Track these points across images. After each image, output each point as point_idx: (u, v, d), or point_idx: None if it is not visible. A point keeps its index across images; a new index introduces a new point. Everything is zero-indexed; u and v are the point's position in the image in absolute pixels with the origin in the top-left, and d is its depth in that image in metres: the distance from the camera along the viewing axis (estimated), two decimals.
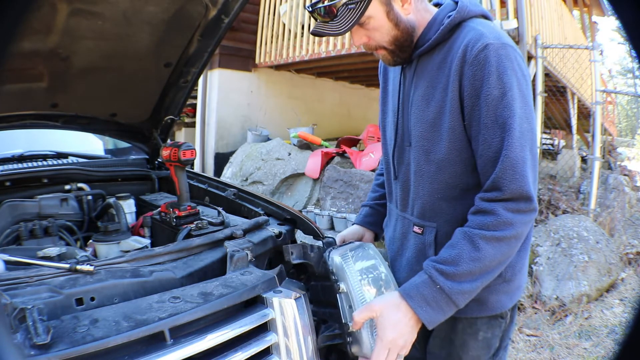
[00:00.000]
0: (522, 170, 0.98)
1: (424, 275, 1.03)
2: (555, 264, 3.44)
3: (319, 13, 1.07)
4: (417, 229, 1.19)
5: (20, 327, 0.79)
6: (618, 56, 27.91)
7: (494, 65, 0.98)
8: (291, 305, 1.07)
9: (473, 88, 1.01)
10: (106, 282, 1.00)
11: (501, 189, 0.99)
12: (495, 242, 0.99)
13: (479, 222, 1.02)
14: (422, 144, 1.13)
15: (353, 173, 4.48)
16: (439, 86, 1.09)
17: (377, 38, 1.11)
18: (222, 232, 1.31)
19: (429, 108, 1.11)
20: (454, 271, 1.00)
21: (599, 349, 2.82)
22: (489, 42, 0.99)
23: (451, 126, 1.06)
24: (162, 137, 2.04)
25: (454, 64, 1.03)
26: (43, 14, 1.35)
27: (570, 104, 5.92)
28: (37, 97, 1.68)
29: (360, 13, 1.04)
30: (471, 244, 1.00)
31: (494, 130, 0.99)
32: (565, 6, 6.99)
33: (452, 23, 1.07)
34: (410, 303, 1.01)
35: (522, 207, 1.00)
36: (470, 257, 0.99)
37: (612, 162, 8.20)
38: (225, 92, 6.12)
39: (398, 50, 1.13)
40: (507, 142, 0.98)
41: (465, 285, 1.00)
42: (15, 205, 1.56)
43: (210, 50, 1.76)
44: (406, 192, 1.23)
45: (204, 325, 0.96)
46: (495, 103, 0.99)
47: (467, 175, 1.09)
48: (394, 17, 1.08)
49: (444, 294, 1.00)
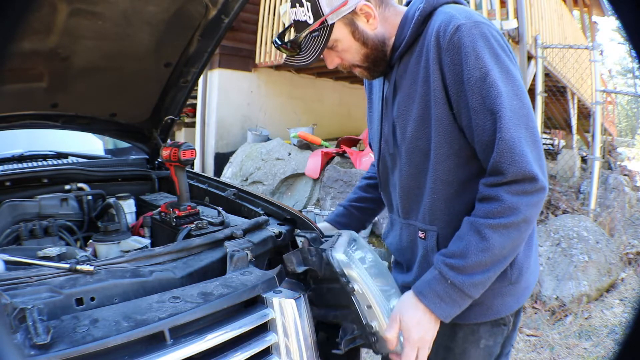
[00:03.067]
0: (519, 150, 0.93)
1: (434, 271, 1.02)
2: (555, 264, 3.43)
3: (285, 48, 1.08)
4: (421, 234, 1.17)
5: (20, 327, 0.79)
6: (618, 56, 27.93)
7: (469, 46, 0.94)
8: (291, 305, 1.07)
9: (454, 74, 0.97)
10: (106, 282, 1.00)
11: (502, 173, 0.95)
12: (502, 230, 0.96)
13: (484, 210, 0.98)
14: (416, 144, 1.10)
15: (353, 173, 4.49)
16: (420, 80, 1.05)
17: (349, 58, 1.11)
18: (222, 232, 1.31)
19: (414, 105, 1.08)
20: (464, 264, 0.97)
21: (599, 349, 2.82)
22: (460, 23, 0.95)
23: (437, 118, 1.03)
24: (162, 137, 2.04)
25: (431, 53, 1.00)
26: (43, 14, 1.35)
27: (570, 104, 5.92)
28: (37, 97, 1.67)
29: (326, 39, 1.05)
30: (478, 235, 0.97)
31: (483, 113, 0.95)
32: (565, 6, 6.99)
33: (423, 14, 1.04)
34: (424, 301, 1.00)
35: (527, 188, 0.94)
36: (478, 248, 0.96)
37: (612, 162, 8.20)
38: (225, 92, 6.12)
39: (372, 66, 1.12)
40: (499, 124, 0.93)
41: (477, 277, 0.98)
42: (15, 205, 1.56)
43: (210, 50, 1.76)
44: (406, 198, 1.19)
45: (203, 326, 0.96)
46: (479, 85, 0.94)
47: (461, 168, 1.06)
48: (360, 36, 1.07)
49: (456, 288, 0.98)
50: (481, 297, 1.03)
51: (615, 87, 18.68)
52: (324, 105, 7.20)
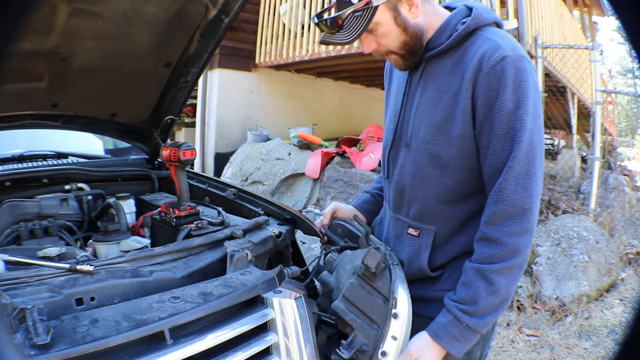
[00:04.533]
0: (527, 182, 1.01)
1: (449, 315, 1.07)
2: (555, 264, 3.43)
3: (325, 25, 1.07)
4: (413, 231, 1.20)
5: (20, 327, 0.79)
6: (618, 56, 27.92)
7: (510, 78, 0.99)
8: (291, 305, 1.07)
9: (487, 98, 1.02)
10: (106, 282, 1.00)
11: (504, 200, 1.02)
12: (507, 272, 1.03)
13: (486, 255, 1.04)
14: (426, 147, 1.13)
15: (353, 173, 4.48)
16: (449, 91, 1.09)
17: (387, 44, 1.11)
18: (222, 232, 1.31)
19: (435, 111, 1.11)
20: (476, 309, 1.04)
21: (599, 349, 2.82)
22: (507, 54, 1.00)
23: (462, 133, 1.07)
24: (162, 137, 2.04)
25: (468, 72, 1.04)
26: (43, 14, 1.35)
27: (570, 104, 5.91)
28: (37, 97, 1.68)
29: (367, 21, 1.04)
30: (485, 280, 1.04)
31: (504, 141, 1.01)
32: (565, 6, 6.99)
33: (467, 30, 1.07)
34: (441, 343, 1.06)
35: (526, 225, 1.02)
36: (487, 292, 1.03)
37: (612, 162, 8.19)
38: (225, 92, 6.12)
39: (409, 55, 1.13)
40: (514, 154, 1.00)
41: (488, 317, 1.05)
42: (15, 205, 1.56)
43: (210, 50, 1.76)
44: (400, 193, 1.22)
45: (204, 325, 0.96)
46: (508, 115, 1.00)
47: (472, 182, 1.11)
48: (402, 22, 1.08)
49: (471, 329, 1.05)
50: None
51: (615, 87, 18.68)
52: (324, 105, 7.19)
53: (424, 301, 1.19)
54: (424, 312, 1.17)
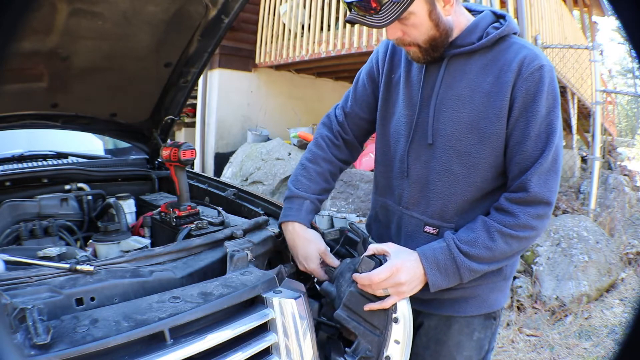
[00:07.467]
0: (549, 179, 1.09)
1: (443, 242, 1.12)
2: (555, 264, 3.43)
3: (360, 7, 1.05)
4: (431, 229, 1.21)
5: (20, 327, 0.79)
6: (618, 56, 27.90)
7: (546, 85, 1.08)
8: (291, 305, 1.07)
9: (524, 102, 1.08)
10: (106, 282, 1.00)
11: (527, 190, 1.08)
12: (509, 239, 1.09)
13: (499, 218, 1.10)
14: (453, 145, 1.15)
15: (353, 173, 4.49)
16: (480, 90, 1.12)
17: (414, 35, 1.11)
18: (222, 232, 1.31)
19: (465, 109, 1.13)
20: (468, 250, 1.09)
21: (599, 349, 2.82)
22: (544, 64, 1.08)
23: (496, 132, 1.11)
24: (162, 137, 2.04)
25: (508, 76, 1.09)
26: (43, 14, 1.35)
27: (570, 104, 5.91)
28: (37, 97, 1.68)
29: (404, 8, 1.04)
30: (487, 233, 1.09)
31: (536, 142, 1.09)
32: (565, 6, 6.99)
33: (501, 34, 1.13)
34: (424, 263, 1.10)
35: (541, 212, 1.09)
36: (484, 245, 1.09)
37: (612, 162, 8.19)
38: (225, 92, 6.12)
39: (431, 50, 1.14)
40: (545, 153, 1.08)
41: (474, 265, 1.10)
42: (15, 205, 1.56)
43: (210, 50, 1.76)
44: (421, 190, 1.22)
45: (204, 325, 0.96)
46: (541, 119, 1.08)
47: (495, 179, 1.16)
48: (436, 17, 1.09)
49: (455, 264, 1.09)
50: (478, 290, 1.20)
51: (615, 87, 18.66)
52: (324, 105, 7.16)
53: (437, 301, 1.21)
54: (440, 311, 1.22)
